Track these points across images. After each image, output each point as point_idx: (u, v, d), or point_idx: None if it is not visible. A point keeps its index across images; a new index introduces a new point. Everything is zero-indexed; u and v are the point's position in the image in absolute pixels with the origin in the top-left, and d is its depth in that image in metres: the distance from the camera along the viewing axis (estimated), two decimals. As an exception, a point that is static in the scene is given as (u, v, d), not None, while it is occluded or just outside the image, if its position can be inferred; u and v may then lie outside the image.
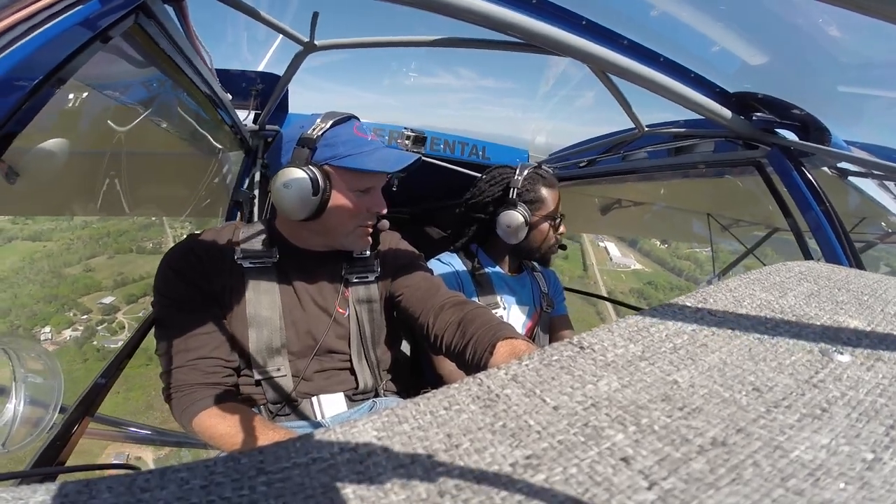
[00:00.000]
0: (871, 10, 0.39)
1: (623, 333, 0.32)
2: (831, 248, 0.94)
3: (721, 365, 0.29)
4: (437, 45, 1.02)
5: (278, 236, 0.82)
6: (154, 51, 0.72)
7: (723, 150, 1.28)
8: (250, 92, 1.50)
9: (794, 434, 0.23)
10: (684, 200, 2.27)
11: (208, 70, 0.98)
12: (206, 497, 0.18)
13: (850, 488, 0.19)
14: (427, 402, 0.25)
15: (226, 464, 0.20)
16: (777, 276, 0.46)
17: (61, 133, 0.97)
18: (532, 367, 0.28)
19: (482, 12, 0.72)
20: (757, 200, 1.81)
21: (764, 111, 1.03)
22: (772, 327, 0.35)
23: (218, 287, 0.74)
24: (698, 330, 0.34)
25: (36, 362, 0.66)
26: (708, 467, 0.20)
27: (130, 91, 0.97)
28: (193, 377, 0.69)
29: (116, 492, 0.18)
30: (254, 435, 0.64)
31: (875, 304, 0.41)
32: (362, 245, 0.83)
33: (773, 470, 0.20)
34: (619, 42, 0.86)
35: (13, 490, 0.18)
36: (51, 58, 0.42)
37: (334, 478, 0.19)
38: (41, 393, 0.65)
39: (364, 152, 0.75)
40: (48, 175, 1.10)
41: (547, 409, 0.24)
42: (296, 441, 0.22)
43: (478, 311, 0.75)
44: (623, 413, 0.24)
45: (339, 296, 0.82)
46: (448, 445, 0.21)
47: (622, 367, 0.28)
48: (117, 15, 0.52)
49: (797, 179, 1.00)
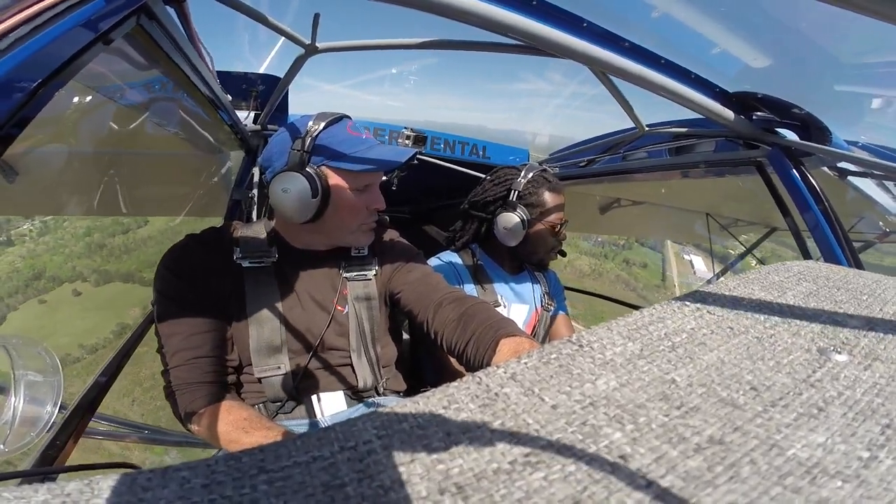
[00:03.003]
0: (871, 10, 0.39)
1: (622, 332, 0.33)
2: (830, 248, 0.94)
3: (719, 364, 0.29)
4: (437, 47, 1.02)
5: (277, 236, 0.83)
6: (156, 52, 0.72)
7: (723, 149, 1.28)
8: (250, 93, 1.50)
9: (790, 433, 0.23)
10: (683, 200, 2.27)
11: (209, 71, 0.98)
12: (208, 496, 0.18)
13: (847, 486, 0.20)
14: (426, 401, 0.25)
15: (227, 462, 0.20)
16: (776, 276, 0.46)
17: (62, 133, 0.97)
18: (531, 365, 0.28)
19: (483, 14, 0.72)
20: (755, 200, 1.81)
21: (764, 111, 1.03)
22: (770, 326, 0.35)
23: (217, 286, 0.74)
24: (697, 329, 0.34)
25: (36, 360, 0.66)
26: (705, 465, 0.20)
27: (132, 92, 0.97)
28: (193, 376, 0.69)
29: (118, 491, 0.18)
30: (254, 433, 0.64)
31: (874, 303, 0.41)
32: (365, 241, 0.83)
33: (770, 468, 0.20)
34: (621, 44, 0.86)
35: (15, 490, 0.18)
36: (53, 58, 0.42)
37: (335, 476, 0.19)
38: (41, 391, 0.65)
39: (360, 151, 0.75)
40: (49, 175, 1.11)
41: (545, 407, 0.24)
42: (296, 440, 0.22)
43: (478, 307, 0.75)
44: (621, 412, 0.24)
45: (338, 293, 0.82)
46: (447, 443, 0.22)
47: (620, 365, 0.29)
48: (119, 16, 0.52)
49: (797, 179, 1.00)
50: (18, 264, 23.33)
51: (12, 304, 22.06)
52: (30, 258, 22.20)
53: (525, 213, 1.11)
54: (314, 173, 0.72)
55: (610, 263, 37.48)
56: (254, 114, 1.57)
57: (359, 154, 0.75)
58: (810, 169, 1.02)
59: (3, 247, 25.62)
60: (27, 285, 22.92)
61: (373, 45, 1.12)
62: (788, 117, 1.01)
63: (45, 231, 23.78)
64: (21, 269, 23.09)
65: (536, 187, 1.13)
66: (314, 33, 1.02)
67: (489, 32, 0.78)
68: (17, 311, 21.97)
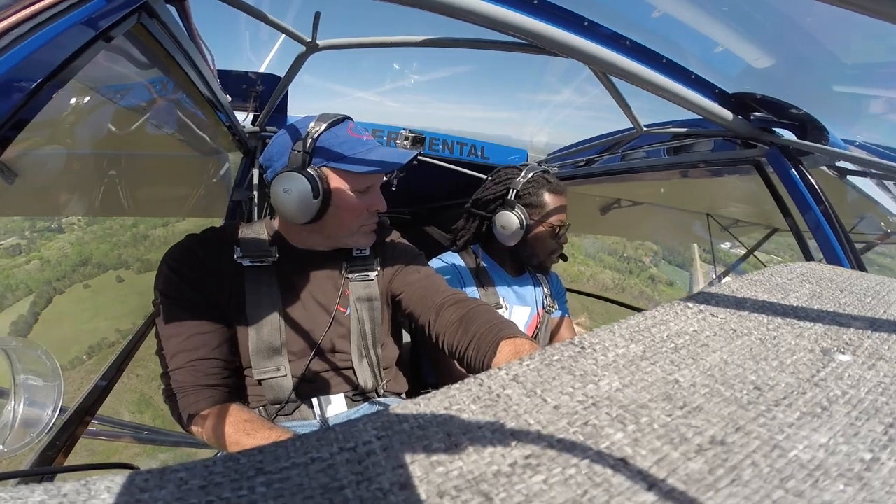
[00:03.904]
0: (872, 10, 0.39)
1: (624, 334, 0.32)
2: (832, 249, 0.94)
3: (722, 364, 0.29)
4: (438, 45, 1.02)
5: (278, 236, 0.82)
6: (157, 50, 0.72)
7: (722, 150, 1.28)
8: (249, 93, 1.50)
9: (793, 433, 0.23)
10: (684, 201, 2.27)
11: (209, 71, 0.98)
12: (205, 497, 0.18)
13: (849, 489, 0.19)
14: (427, 402, 0.25)
15: (225, 464, 0.20)
16: (779, 278, 0.46)
17: (63, 133, 0.97)
18: (533, 367, 0.28)
19: (484, 13, 0.72)
20: (756, 201, 1.81)
21: (762, 111, 1.03)
22: (773, 328, 0.35)
23: (218, 286, 0.74)
24: (700, 331, 0.34)
25: (36, 364, 0.66)
26: (707, 468, 0.20)
27: (132, 91, 0.97)
28: (193, 378, 0.69)
29: (115, 492, 0.18)
30: (253, 435, 0.64)
31: (878, 305, 0.40)
32: (366, 242, 0.83)
33: (772, 470, 0.20)
34: (622, 43, 0.86)
35: (12, 490, 0.18)
36: (53, 57, 0.42)
37: (333, 478, 0.19)
38: (41, 395, 0.64)
39: (361, 152, 0.75)
40: (49, 175, 1.11)
41: (547, 408, 0.24)
42: (295, 441, 0.22)
43: (479, 309, 0.75)
44: (623, 412, 0.24)
45: (339, 294, 0.82)
46: (448, 445, 0.21)
47: (623, 366, 0.28)
48: (120, 14, 0.52)
49: (796, 178, 1.00)
50: (67, 250, 24.47)
51: (59, 287, 23.19)
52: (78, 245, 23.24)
53: (524, 212, 1.10)
54: (315, 174, 0.72)
55: (634, 279, 37.45)
56: (252, 115, 1.57)
57: (360, 155, 0.75)
58: (809, 168, 1.02)
59: (53, 233, 26.77)
60: (74, 270, 24.21)
61: (374, 42, 1.12)
62: (786, 117, 1.01)
63: (93, 221, 24.56)
64: (70, 255, 24.24)
65: (537, 188, 1.12)
66: (315, 31, 1.02)
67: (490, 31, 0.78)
68: (63, 294, 23.03)
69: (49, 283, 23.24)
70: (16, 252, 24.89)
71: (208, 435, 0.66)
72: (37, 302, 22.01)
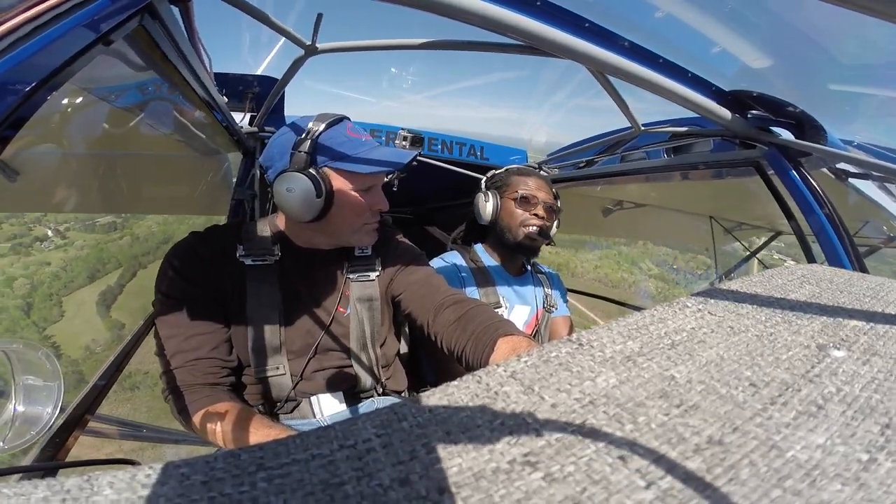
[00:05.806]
0: (872, 10, 0.39)
1: (622, 331, 0.33)
2: (834, 252, 0.93)
3: (718, 360, 0.29)
4: (437, 47, 1.02)
5: (280, 235, 0.83)
6: (155, 53, 0.72)
7: (720, 150, 1.28)
8: (246, 95, 1.51)
9: (790, 433, 0.23)
10: (687, 203, 2.26)
11: (206, 73, 0.98)
12: (207, 493, 0.18)
13: (846, 489, 0.19)
14: (426, 400, 0.25)
15: (226, 459, 0.20)
16: (779, 279, 0.46)
17: (63, 133, 0.97)
18: (531, 363, 0.28)
19: (483, 14, 0.72)
20: (759, 203, 1.80)
21: (759, 109, 1.03)
22: (771, 326, 0.35)
23: (219, 285, 0.74)
24: (697, 328, 0.34)
25: (35, 364, 0.66)
26: (704, 467, 0.20)
27: (132, 92, 0.97)
28: (193, 377, 0.69)
29: (117, 487, 0.18)
30: (253, 433, 0.64)
31: (876, 305, 0.41)
32: (368, 241, 0.84)
33: (770, 470, 0.20)
34: (620, 44, 0.86)
35: (15, 486, 0.18)
36: (55, 58, 0.42)
37: (334, 474, 0.19)
38: (41, 395, 0.65)
39: (361, 152, 0.75)
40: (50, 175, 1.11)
41: (545, 406, 0.24)
42: (295, 438, 0.22)
43: (478, 309, 0.75)
44: (620, 410, 0.24)
45: (339, 294, 0.82)
46: (447, 442, 0.21)
47: (620, 363, 0.28)
48: (123, 16, 0.52)
49: (796, 180, 1.00)
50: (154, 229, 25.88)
51: (143, 263, 24.65)
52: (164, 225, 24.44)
53: (494, 193, 1.23)
54: (317, 174, 0.73)
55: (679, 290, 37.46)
56: (249, 115, 1.58)
57: (361, 155, 0.75)
58: (810, 170, 1.02)
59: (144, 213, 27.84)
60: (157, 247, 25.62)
61: (373, 45, 1.12)
62: (783, 115, 1.00)
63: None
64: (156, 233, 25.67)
65: (507, 174, 1.29)
66: (315, 33, 1.02)
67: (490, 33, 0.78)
68: (145, 269, 24.29)
69: (136, 258, 24.78)
70: (111, 229, 26.73)
71: (208, 433, 0.66)
72: (123, 275, 23.62)
